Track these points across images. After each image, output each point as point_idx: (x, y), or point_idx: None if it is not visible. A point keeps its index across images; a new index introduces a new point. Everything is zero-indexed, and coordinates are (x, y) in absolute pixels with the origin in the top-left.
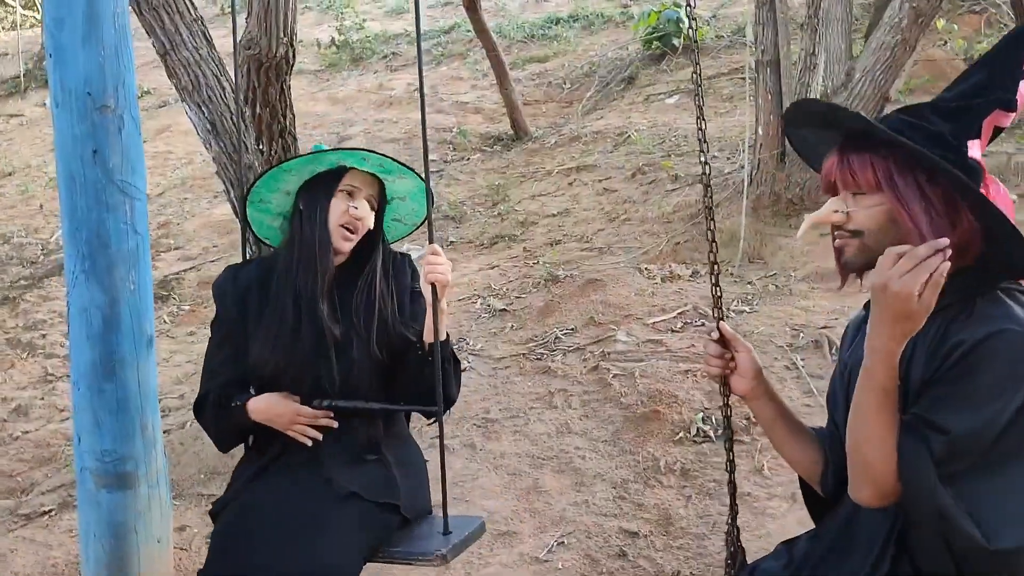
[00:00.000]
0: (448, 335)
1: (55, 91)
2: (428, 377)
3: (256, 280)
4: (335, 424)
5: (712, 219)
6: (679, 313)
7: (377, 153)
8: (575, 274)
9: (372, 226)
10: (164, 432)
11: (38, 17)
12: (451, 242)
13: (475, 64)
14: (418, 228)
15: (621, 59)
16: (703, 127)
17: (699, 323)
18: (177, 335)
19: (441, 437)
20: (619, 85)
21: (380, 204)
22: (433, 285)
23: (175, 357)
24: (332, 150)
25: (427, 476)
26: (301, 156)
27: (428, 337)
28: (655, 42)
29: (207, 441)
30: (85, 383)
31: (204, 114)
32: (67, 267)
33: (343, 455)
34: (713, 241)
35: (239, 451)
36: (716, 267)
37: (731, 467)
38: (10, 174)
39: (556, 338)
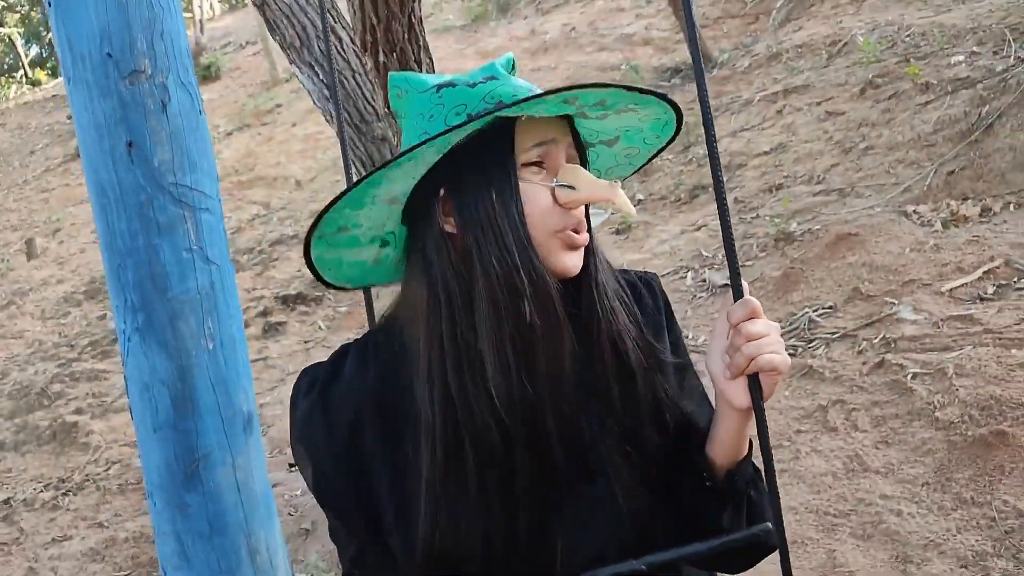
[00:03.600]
0: (751, 445)
1: (64, 59)
2: (715, 521)
3: (372, 397)
4: None
5: None
6: (985, 272)
7: (581, 86)
8: (815, 228)
9: None
10: (295, 496)
11: None
12: (639, 200)
13: None
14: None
15: None
16: None
17: (1021, 284)
18: (334, 343)
19: None
20: None
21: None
22: (755, 376)
23: None
24: (484, 115)
25: None
26: (413, 148)
27: (722, 458)
28: None
29: None
30: (161, 496)
31: (318, 76)
32: (117, 324)
33: None
34: None
35: None
36: None
37: None
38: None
39: (810, 321)
